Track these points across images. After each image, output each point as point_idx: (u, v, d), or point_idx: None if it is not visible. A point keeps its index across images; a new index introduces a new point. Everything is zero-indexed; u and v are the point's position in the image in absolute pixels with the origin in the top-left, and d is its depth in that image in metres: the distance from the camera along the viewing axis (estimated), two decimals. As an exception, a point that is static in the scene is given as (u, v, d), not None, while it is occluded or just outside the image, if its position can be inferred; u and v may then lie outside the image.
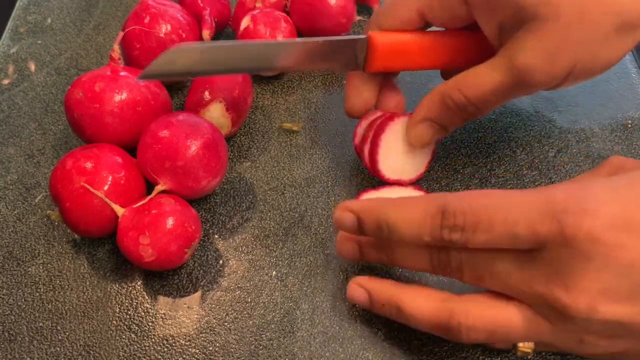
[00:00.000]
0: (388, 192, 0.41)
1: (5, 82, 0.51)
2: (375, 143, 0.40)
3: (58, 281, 0.39)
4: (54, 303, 0.38)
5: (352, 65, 0.39)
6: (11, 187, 0.44)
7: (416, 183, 0.42)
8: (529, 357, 0.33)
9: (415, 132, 0.40)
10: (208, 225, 0.42)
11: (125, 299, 0.39)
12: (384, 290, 0.34)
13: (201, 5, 0.48)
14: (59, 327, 0.37)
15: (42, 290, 0.39)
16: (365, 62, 0.39)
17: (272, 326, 0.37)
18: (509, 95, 0.36)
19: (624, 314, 0.27)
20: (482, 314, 0.30)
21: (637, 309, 0.27)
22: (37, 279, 0.39)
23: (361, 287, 0.35)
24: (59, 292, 0.39)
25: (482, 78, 0.35)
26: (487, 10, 0.35)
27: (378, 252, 0.35)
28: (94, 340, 0.37)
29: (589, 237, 0.27)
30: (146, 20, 0.44)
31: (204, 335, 0.37)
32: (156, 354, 0.36)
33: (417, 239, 0.31)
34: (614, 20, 0.33)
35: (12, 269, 0.40)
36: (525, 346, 0.31)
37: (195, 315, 0.38)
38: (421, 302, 0.32)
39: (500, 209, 0.29)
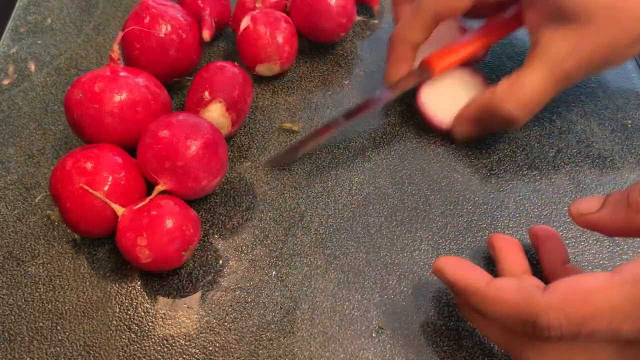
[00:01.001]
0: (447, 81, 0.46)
1: (5, 82, 0.51)
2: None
3: (58, 281, 0.39)
4: (53, 303, 0.38)
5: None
6: (11, 187, 0.44)
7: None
8: None
9: (461, 129, 0.44)
10: (208, 225, 0.42)
11: (125, 299, 0.39)
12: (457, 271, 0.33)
13: (201, 5, 0.48)
14: (59, 327, 0.37)
15: (42, 290, 0.39)
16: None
17: (272, 326, 0.37)
18: (550, 97, 0.40)
19: None
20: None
21: None
22: (37, 279, 0.39)
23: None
24: (59, 292, 0.39)
25: (529, 87, 0.39)
26: (532, 3, 0.40)
27: None
28: (93, 340, 0.37)
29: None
30: (146, 21, 0.44)
31: (204, 335, 0.37)
32: (156, 354, 0.36)
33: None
34: None
35: (12, 269, 0.40)
36: None
37: (195, 315, 0.38)
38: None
39: (602, 315, 0.27)
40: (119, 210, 0.37)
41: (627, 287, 0.27)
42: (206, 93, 0.42)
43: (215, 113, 0.42)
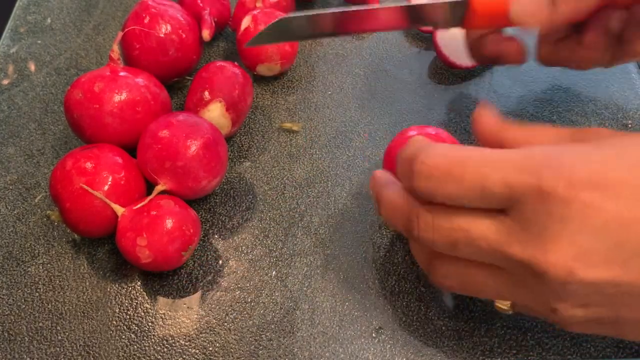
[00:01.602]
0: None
1: (5, 82, 0.51)
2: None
3: (58, 281, 0.39)
4: (53, 303, 0.38)
5: (450, 24, 0.40)
6: (11, 187, 0.44)
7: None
8: (508, 313, 0.32)
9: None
10: (208, 225, 0.42)
11: (125, 299, 0.39)
12: (376, 178, 0.35)
13: (201, 5, 0.48)
14: (58, 327, 0.37)
15: (41, 290, 0.39)
16: (464, 20, 0.39)
17: (272, 326, 0.37)
18: None
19: (600, 278, 0.27)
20: (446, 215, 0.30)
21: (612, 273, 0.27)
22: (36, 279, 0.39)
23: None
24: (59, 292, 0.39)
25: None
26: None
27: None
28: (93, 341, 0.37)
29: (565, 195, 0.26)
30: (146, 21, 0.44)
31: (203, 335, 0.37)
32: (156, 354, 0.36)
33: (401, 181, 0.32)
34: None
35: (12, 269, 0.40)
36: (502, 303, 0.31)
37: (195, 316, 0.38)
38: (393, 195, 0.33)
39: (475, 161, 0.28)
40: (119, 210, 0.37)
41: (509, 151, 0.28)
42: (206, 93, 0.42)
43: (215, 113, 0.42)
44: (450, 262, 0.31)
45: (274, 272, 0.40)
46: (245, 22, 0.47)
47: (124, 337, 0.37)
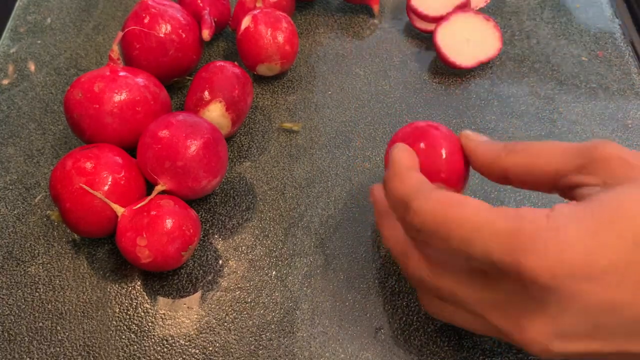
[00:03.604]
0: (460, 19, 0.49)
1: (5, 82, 0.51)
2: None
3: (58, 281, 0.39)
4: (53, 303, 0.38)
5: None
6: (11, 187, 0.44)
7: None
8: None
9: None
10: (208, 225, 0.42)
11: (125, 299, 0.39)
12: (379, 198, 0.36)
13: (201, 5, 0.48)
14: (58, 327, 0.37)
15: (41, 290, 0.39)
16: None
17: (272, 326, 0.37)
18: None
19: (578, 351, 0.27)
20: (435, 272, 0.31)
21: (592, 347, 0.27)
22: (36, 279, 0.39)
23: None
24: (59, 292, 0.39)
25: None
26: None
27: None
28: (93, 341, 0.37)
29: (547, 284, 0.26)
30: (146, 21, 0.44)
31: (203, 335, 0.37)
32: (156, 354, 0.36)
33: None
34: None
35: (12, 269, 0.40)
36: None
37: (195, 316, 0.38)
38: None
39: (461, 225, 0.28)
40: (119, 210, 0.37)
41: (500, 219, 0.27)
42: (206, 93, 0.42)
43: (215, 113, 0.42)
44: (439, 302, 0.32)
45: (274, 272, 0.39)
46: (245, 22, 0.47)
47: (124, 337, 0.37)
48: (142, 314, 0.38)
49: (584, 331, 0.27)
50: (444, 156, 0.35)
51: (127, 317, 0.38)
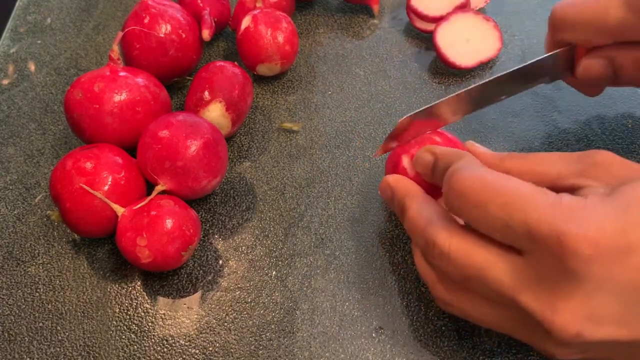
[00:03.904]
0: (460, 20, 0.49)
1: (5, 82, 0.51)
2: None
3: (58, 281, 0.39)
4: (53, 303, 0.38)
5: (562, 75, 0.40)
6: (11, 187, 0.44)
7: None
8: None
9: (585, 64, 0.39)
10: (208, 225, 0.42)
11: (125, 299, 0.39)
12: (401, 185, 0.36)
13: (201, 5, 0.48)
14: (58, 327, 0.37)
15: (41, 290, 0.39)
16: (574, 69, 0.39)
17: (272, 326, 0.37)
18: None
19: (607, 337, 0.27)
20: (464, 249, 0.30)
21: (620, 333, 0.27)
22: (36, 279, 0.39)
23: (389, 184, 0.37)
24: (59, 292, 0.39)
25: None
26: None
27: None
28: (93, 341, 0.37)
29: (588, 255, 0.25)
30: (146, 21, 0.44)
31: (203, 335, 0.37)
32: (156, 354, 0.36)
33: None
34: None
35: (12, 269, 0.40)
36: None
37: (195, 316, 0.38)
38: (421, 212, 0.33)
39: (503, 194, 0.28)
40: (119, 210, 0.37)
41: (539, 191, 0.28)
42: (206, 93, 0.42)
43: (215, 113, 0.42)
44: (457, 290, 0.31)
45: (274, 272, 0.39)
46: (245, 22, 0.47)
47: (124, 337, 0.37)
48: (142, 314, 0.38)
49: (615, 314, 0.26)
50: None
51: (127, 317, 0.38)
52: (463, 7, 0.50)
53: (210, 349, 0.37)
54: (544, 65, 0.39)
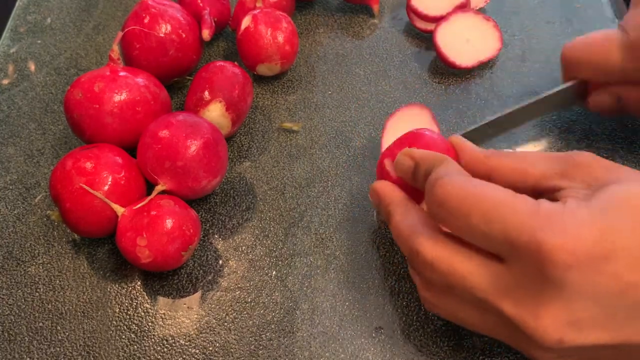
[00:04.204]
0: None
1: (5, 82, 0.51)
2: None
3: (58, 281, 0.39)
4: (53, 303, 0.38)
5: (573, 104, 0.43)
6: (11, 187, 0.44)
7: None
8: None
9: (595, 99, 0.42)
10: (208, 225, 0.42)
11: (125, 299, 0.39)
12: (386, 191, 0.36)
13: (201, 5, 0.48)
14: (58, 327, 0.37)
15: (41, 290, 0.39)
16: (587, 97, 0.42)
17: (272, 326, 0.37)
18: None
19: (589, 342, 0.27)
20: (446, 258, 0.30)
21: (603, 337, 0.27)
22: (36, 279, 0.39)
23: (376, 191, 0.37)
24: (59, 292, 0.39)
25: None
26: None
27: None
28: (93, 341, 0.37)
29: (566, 261, 0.26)
30: (146, 21, 0.44)
31: (203, 335, 0.37)
32: (156, 354, 0.36)
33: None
34: None
35: (12, 269, 0.40)
36: None
37: (195, 316, 0.38)
38: (406, 219, 0.33)
39: (482, 202, 0.28)
40: (119, 210, 0.37)
41: (517, 199, 0.29)
42: (206, 93, 0.42)
43: (215, 113, 0.42)
44: (443, 295, 0.32)
45: (274, 272, 0.40)
46: (245, 22, 0.47)
47: (124, 337, 0.37)
48: (142, 314, 0.38)
49: (596, 318, 0.27)
50: None
51: (127, 317, 0.38)
52: (463, 7, 0.50)
53: (210, 348, 0.37)
54: (558, 97, 0.41)
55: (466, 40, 0.49)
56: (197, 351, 0.36)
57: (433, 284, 0.32)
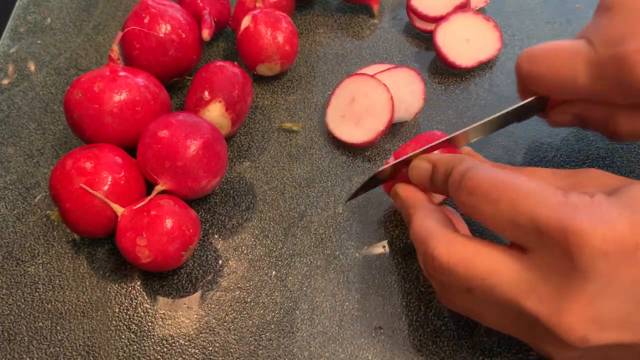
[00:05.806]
0: None
1: (5, 82, 0.51)
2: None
3: (58, 281, 0.39)
4: (53, 303, 0.38)
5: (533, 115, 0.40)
6: (11, 187, 0.44)
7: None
8: None
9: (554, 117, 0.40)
10: (208, 225, 0.42)
11: (125, 299, 0.39)
12: (408, 194, 0.36)
13: (201, 5, 0.48)
14: (58, 327, 0.37)
15: (41, 290, 0.39)
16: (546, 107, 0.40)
17: (272, 326, 0.37)
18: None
19: (609, 341, 0.27)
20: (464, 260, 0.30)
21: (623, 337, 0.27)
22: (36, 279, 0.39)
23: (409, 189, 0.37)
24: (59, 292, 0.39)
25: None
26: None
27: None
28: (93, 341, 0.37)
29: (595, 250, 0.25)
30: (146, 21, 0.44)
31: (203, 335, 0.37)
32: (156, 354, 0.36)
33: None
34: None
35: (11, 269, 0.40)
36: None
37: (195, 315, 0.38)
38: (424, 223, 0.33)
39: (511, 189, 0.28)
40: (119, 210, 0.37)
41: (546, 188, 0.28)
42: (206, 93, 0.42)
43: (215, 113, 0.42)
44: (460, 296, 0.31)
45: (274, 272, 0.40)
46: (245, 22, 0.47)
47: (124, 337, 0.37)
48: (142, 314, 0.38)
49: (619, 316, 0.26)
50: None
51: (127, 317, 0.38)
52: (463, 7, 0.50)
53: (210, 348, 0.37)
54: (517, 112, 0.39)
55: (466, 40, 0.49)
56: (197, 351, 0.36)
57: (450, 287, 0.31)
